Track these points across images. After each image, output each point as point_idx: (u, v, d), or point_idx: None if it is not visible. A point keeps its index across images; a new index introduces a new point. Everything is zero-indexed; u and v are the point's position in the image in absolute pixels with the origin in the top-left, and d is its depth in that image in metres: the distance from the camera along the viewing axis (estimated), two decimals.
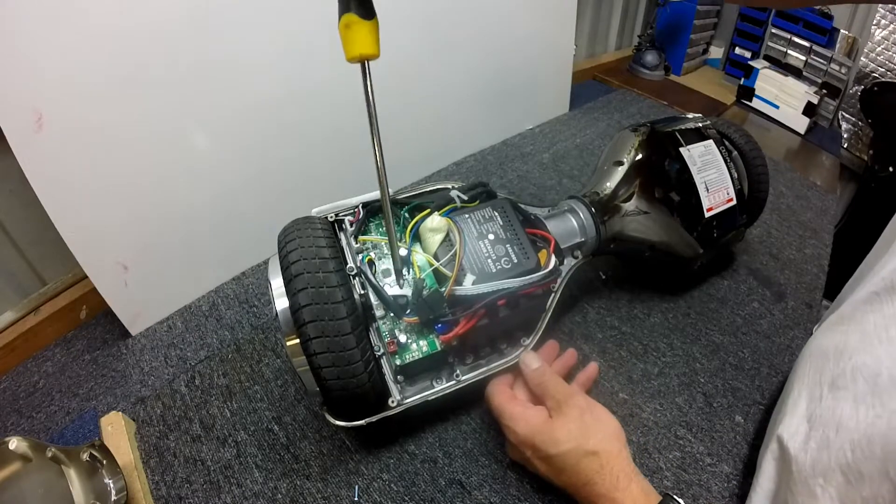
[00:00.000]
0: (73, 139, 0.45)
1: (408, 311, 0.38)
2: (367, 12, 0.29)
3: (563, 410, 0.37)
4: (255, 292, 0.59)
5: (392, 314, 0.39)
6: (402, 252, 0.40)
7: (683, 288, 0.58)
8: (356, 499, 0.40)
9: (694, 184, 0.49)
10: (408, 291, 0.39)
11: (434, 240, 0.40)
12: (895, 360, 0.32)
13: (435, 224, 0.40)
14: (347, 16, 0.29)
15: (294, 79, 0.57)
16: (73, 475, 0.36)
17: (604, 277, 0.58)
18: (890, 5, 0.97)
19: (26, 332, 0.53)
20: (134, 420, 0.46)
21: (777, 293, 0.58)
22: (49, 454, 0.35)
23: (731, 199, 0.51)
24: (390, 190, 0.45)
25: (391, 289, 0.39)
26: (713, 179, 0.51)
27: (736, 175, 0.52)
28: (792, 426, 0.36)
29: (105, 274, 0.51)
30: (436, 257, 0.39)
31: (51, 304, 0.56)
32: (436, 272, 0.39)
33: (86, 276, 0.49)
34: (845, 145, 1.07)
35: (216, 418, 0.46)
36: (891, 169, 0.89)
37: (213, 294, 0.60)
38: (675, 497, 0.33)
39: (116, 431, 0.43)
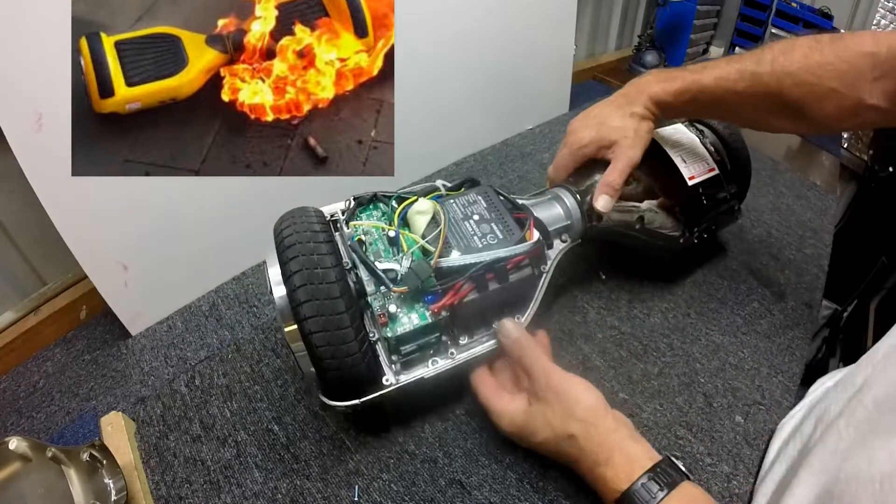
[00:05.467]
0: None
1: (397, 282, 0.39)
2: None
3: (538, 395, 0.37)
4: (255, 292, 0.59)
5: (382, 287, 0.39)
6: (392, 234, 0.41)
7: (683, 288, 0.58)
8: (356, 499, 0.40)
9: (669, 158, 0.51)
10: (397, 266, 0.40)
11: (421, 221, 0.42)
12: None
13: (422, 207, 0.42)
14: None
15: None
16: (73, 475, 0.36)
17: (603, 277, 0.58)
18: (890, 5, 0.97)
19: (26, 332, 0.53)
20: (134, 420, 0.46)
21: (777, 293, 0.58)
22: (49, 454, 0.35)
23: (712, 169, 0.52)
24: (386, 190, 0.47)
25: (381, 264, 0.40)
26: (688, 152, 0.52)
27: (713, 149, 0.54)
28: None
29: (105, 274, 0.51)
30: (423, 237, 0.41)
31: (51, 304, 0.56)
32: (424, 250, 0.40)
33: (86, 276, 0.49)
34: (845, 145, 1.07)
35: (216, 418, 0.46)
36: (891, 169, 0.89)
37: (213, 294, 0.60)
38: (672, 459, 0.33)
39: (116, 431, 0.43)
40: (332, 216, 0.44)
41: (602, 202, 0.46)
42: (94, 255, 0.49)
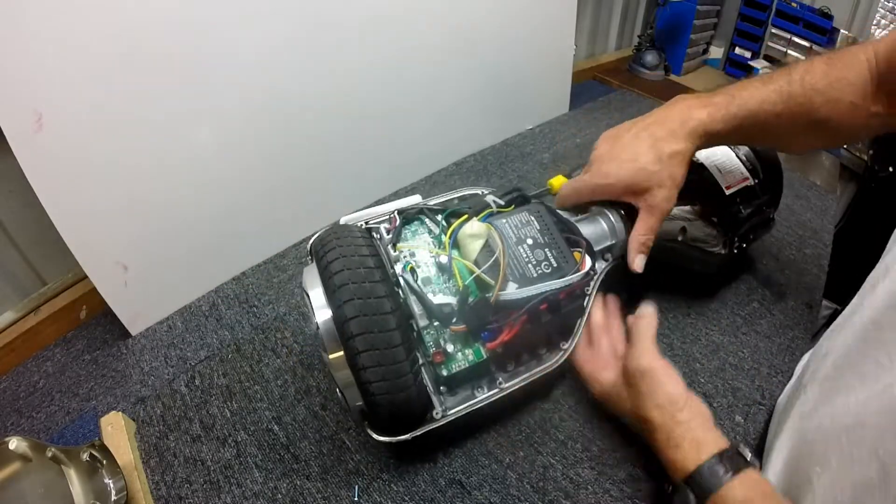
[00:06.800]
0: (73, 139, 0.45)
1: (454, 320, 0.37)
2: None
3: (626, 374, 0.40)
4: (255, 292, 0.59)
5: (437, 323, 0.38)
6: (443, 259, 0.39)
7: (683, 288, 0.58)
8: (356, 499, 0.40)
9: (705, 167, 0.50)
10: (451, 299, 0.38)
11: (474, 246, 0.39)
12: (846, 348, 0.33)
13: (475, 230, 0.39)
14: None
15: (295, 82, 0.57)
16: (73, 475, 0.36)
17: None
18: (890, 5, 0.97)
19: (26, 332, 0.53)
20: (134, 420, 0.46)
21: (777, 293, 0.58)
22: (49, 454, 0.35)
23: (746, 179, 0.52)
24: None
25: (434, 297, 0.38)
26: (722, 162, 0.52)
27: (745, 159, 0.53)
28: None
29: (105, 274, 0.51)
30: (476, 263, 0.38)
31: (51, 304, 0.56)
32: (477, 278, 0.38)
33: (86, 276, 0.49)
34: (845, 145, 1.07)
35: (216, 418, 0.46)
36: (891, 169, 0.89)
37: (213, 294, 0.60)
38: (738, 448, 0.34)
39: (116, 431, 0.43)
40: (366, 223, 0.42)
41: (639, 262, 0.44)
42: (94, 255, 0.49)
